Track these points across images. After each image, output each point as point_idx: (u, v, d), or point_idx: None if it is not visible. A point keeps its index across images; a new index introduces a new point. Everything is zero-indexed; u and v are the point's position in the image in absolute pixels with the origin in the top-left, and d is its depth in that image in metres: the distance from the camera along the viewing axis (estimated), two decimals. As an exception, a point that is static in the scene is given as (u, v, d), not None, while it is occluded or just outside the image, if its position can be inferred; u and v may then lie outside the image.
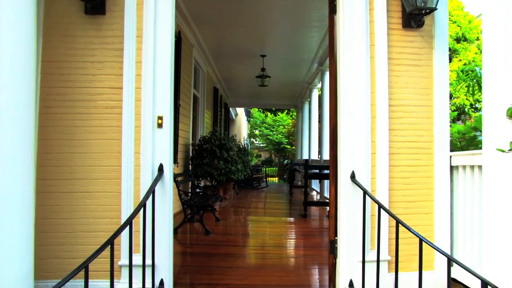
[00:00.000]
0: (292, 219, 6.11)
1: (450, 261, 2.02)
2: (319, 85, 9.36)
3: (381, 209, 2.59)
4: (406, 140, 2.98)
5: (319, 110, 10.09)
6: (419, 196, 2.97)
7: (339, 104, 3.00)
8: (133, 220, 2.22)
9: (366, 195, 2.75)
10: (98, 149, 2.81)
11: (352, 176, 2.87)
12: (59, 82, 2.82)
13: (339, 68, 3.00)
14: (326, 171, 6.69)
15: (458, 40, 13.72)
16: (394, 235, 2.47)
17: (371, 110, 2.93)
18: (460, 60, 12.82)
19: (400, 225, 2.36)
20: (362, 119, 2.91)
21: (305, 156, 11.34)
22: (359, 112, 2.92)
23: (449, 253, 2.91)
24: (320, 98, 8.74)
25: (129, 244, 2.25)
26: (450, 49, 12.85)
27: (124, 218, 2.74)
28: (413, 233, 2.23)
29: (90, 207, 2.79)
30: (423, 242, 2.16)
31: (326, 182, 7.49)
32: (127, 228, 2.16)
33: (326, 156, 8.19)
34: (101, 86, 2.83)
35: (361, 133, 2.91)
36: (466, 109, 11.33)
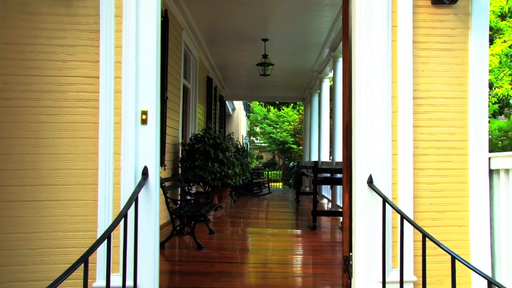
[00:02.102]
0: (299, 232, 6.10)
1: (491, 284, 1.99)
2: (331, 74, 9.34)
3: (404, 220, 2.56)
4: (435, 138, 2.95)
5: (330, 103, 10.06)
6: (450, 205, 2.93)
7: (354, 97, 2.98)
8: (112, 233, 2.19)
9: (386, 204, 2.73)
10: (70, 149, 2.78)
11: (370, 181, 2.85)
12: (21, 69, 2.79)
13: (355, 54, 2.98)
14: (339, 175, 6.67)
15: (503, 16, 13.16)
16: (420, 252, 2.44)
17: (392, 104, 2.91)
18: (504, 42, 12.25)
19: (427, 239, 2.33)
20: (382, 114, 2.89)
21: (314, 158, 11.34)
22: (378, 105, 2.90)
23: (489, 274, 2.87)
24: (332, 89, 8.71)
25: (107, 262, 2.21)
26: (491, 29, 12.37)
27: (101, 231, 2.71)
28: (443, 249, 2.20)
29: (60, 219, 2.75)
30: (456, 260, 2.13)
31: (339, 188, 7.47)
32: (105, 242, 2.13)
33: (339, 157, 8.16)
34: (73, 74, 2.79)
35: (380, 131, 2.89)
36: (510, 101, 11.08)
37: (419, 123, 2.94)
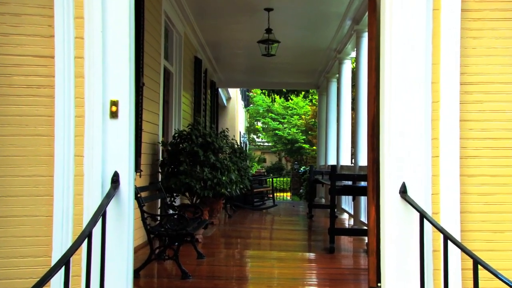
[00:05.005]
0: (312, 255, 6.11)
1: None
2: (353, 54, 9.32)
3: (449, 242, 2.54)
4: (489, 136, 2.94)
5: (352, 92, 10.05)
6: (511, 224, 2.91)
7: (382, 83, 2.99)
8: (71, 259, 2.17)
9: (425, 220, 2.71)
10: (15, 150, 2.77)
11: (403, 191, 2.85)
12: None
13: (384, 28, 2.98)
14: (363, 184, 6.64)
15: None
16: (471, 284, 2.42)
17: (433, 91, 2.91)
18: None
19: (480, 267, 2.32)
20: (418, 104, 2.90)
21: (332, 161, 11.36)
22: (414, 94, 2.90)
23: None
24: (355, 73, 8.69)
25: (64, 296, 2.19)
26: None
27: (56, 256, 2.68)
28: (503, 281, 2.19)
29: (0, 241, 2.73)
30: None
31: (363, 200, 7.45)
32: (62, 270, 2.11)
33: (363, 161, 8.12)
34: (19, 53, 2.79)
35: (415, 127, 2.89)
36: None
37: (468, 116, 2.93)
